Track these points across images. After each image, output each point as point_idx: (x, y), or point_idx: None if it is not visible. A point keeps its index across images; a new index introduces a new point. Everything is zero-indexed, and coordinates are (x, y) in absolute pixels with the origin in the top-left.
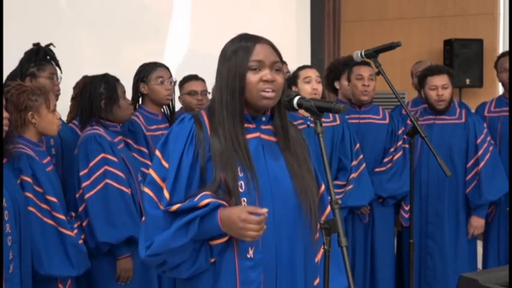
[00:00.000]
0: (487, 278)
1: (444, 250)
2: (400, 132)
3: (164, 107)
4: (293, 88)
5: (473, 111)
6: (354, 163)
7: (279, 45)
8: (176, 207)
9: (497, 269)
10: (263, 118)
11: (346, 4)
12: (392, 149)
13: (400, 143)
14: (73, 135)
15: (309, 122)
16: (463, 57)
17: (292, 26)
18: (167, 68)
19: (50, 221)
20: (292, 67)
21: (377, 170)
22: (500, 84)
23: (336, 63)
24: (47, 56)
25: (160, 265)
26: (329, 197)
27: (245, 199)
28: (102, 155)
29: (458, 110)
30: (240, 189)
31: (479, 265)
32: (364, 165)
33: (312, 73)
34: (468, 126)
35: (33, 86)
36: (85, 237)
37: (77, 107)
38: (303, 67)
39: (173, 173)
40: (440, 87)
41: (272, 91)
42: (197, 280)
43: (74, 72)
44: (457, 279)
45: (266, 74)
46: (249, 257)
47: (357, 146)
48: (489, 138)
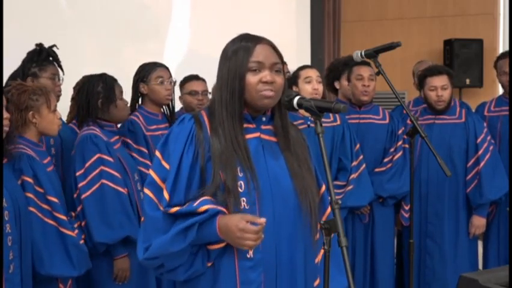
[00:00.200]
0: (487, 278)
1: (444, 250)
2: (400, 132)
3: (164, 107)
4: (294, 88)
5: (474, 111)
6: (354, 163)
7: (279, 45)
8: (175, 210)
9: (497, 269)
10: (263, 118)
11: (346, 4)
12: (392, 149)
13: (400, 143)
14: (72, 135)
15: (309, 122)
16: (463, 57)
17: (292, 26)
18: (167, 68)
19: (51, 221)
20: (292, 67)
21: (377, 170)
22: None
23: (336, 63)
24: (50, 57)
25: (158, 268)
26: (329, 197)
27: (245, 199)
28: (98, 155)
29: (458, 109)
30: (239, 189)
31: (480, 265)
32: (364, 166)
33: (312, 73)
34: (468, 125)
35: (34, 86)
36: (85, 237)
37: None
38: (304, 67)
39: (173, 174)
40: (439, 87)
41: (271, 92)
42: (197, 280)
43: (74, 72)
44: (456, 279)
45: (266, 75)
46: (248, 257)
47: (358, 146)
48: (489, 138)
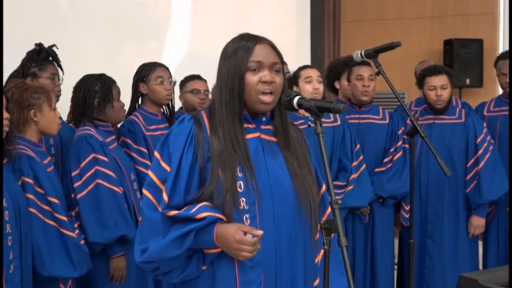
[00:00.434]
0: (487, 278)
1: (444, 250)
2: (400, 132)
3: (163, 107)
4: (294, 88)
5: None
6: (355, 164)
7: (279, 45)
8: (173, 213)
9: (497, 269)
10: (263, 118)
11: (346, 4)
12: (392, 149)
13: (400, 143)
14: (72, 135)
15: (309, 122)
16: (462, 57)
17: (292, 26)
18: (167, 68)
19: (51, 222)
20: (292, 67)
21: (377, 170)
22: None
23: (336, 63)
24: (49, 57)
25: (153, 270)
26: (329, 198)
27: (244, 199)
28: (93, 155)
29: (458, 109)
30: (239, 189)
31: (480, 265)
32: (364, 166)
33: (313, 73)
34: (468, 125)
35: (35, 84)
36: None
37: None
38: (304, 67)
39: (173, 176)
40: (439, 87)
41: (270, 92)
42: (196, 281)
43: (74, 73)
44: (456, 279)
45: (265, 75)
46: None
47: (358, 146)
48: (489, 138)
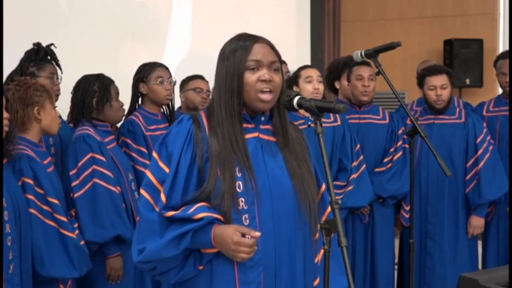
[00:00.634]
0: (487, 278)
1: (444, 250)
2: (400, 132)
3: (163, 107)
4: (294, 88)
5: None
6: (355, 164)
7: (279, 45)
8: (171, 214)
9: (497, 269)
10: (262, 118)
11: (346, 4)
12: (392, 149)
13: (400, 143)
14: (72, 135)
15: (309, 122)
16: (462, 57)
17: (292, 26)
18: (167, 68)
19: (51, 223)
20: (292, 67)
21: (377, 170)
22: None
23: (336, 63)
24: (48, 56)
25: (151, 270)
26: (329, 197)
27: (243, 199)
28: (90, 154)
29: (458, 109)
30: (238, 189)
31: (480, 265)
32: (364, 166)
33: (313, 73)
34: (468, 125)
35: (36, 83)
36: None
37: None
38: (304, 67)
39: (171, 176)
40: (438, 87)
41: (270, 91)
42: (196, 280)
43: (74, 73)
44: (456, 279)
45: (264, 73)
46: None
47: (358, 146)
48: (489, 138)
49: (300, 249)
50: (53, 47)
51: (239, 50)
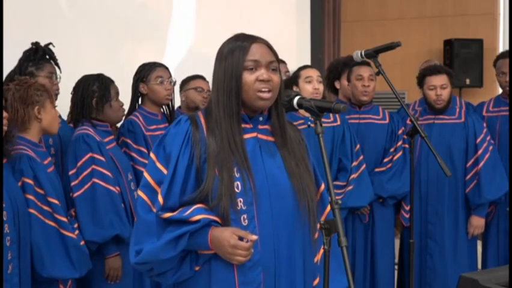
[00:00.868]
0: (487, 278)
1: (444, 250)
2: (400, 132)
3: (163, 107)
4: (294, 88)
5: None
6: (355, 164)
7: (279, 45)
8: (168, 215)
9: (497, 269)
10: (260, 118)
11: (346, 4)
12: (392, 149)
13: (400, 143)
14: (72, 135)
15: (309, 122)
16: (462, 57)
17: (292, 26)
18: (167, 68)
19: (51, 223)
20: (292, 67)
21: (377, 170)
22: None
23: (336, 63)
24: (46, 55)
25: (148, 271)
26: (329, 197)
27: (242, 199)
28: (89, 154)
29: (458, 109)
30: (236, 190)
31: (480, 265)
32: (364, 166)
33: (313, 73)
34: (468, 125)
35: (36, 82)
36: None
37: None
38: (304, 67)
39: (169, 177)
40: (438, 87)
41: (268, 91)
42: (195, 280)
43: (74, 73)
44: (457, 279)
45: (262, 73)
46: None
47: (358, 146)
48: (489, 138)
49: (300, 248)
50: (52, 47)
51: (237, 50)
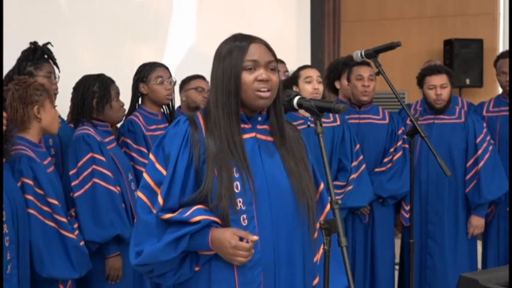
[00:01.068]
0: (487, 278)
1: (444, 250)
2: (400, 132)
3: (164, 107)
4: (294, 88)
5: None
6: (354, 164)
7: (279, 45)
8: (168, 216)
9: (497, 269)
10: (259, 118)
11: (346, 4)
12: (392, 149)
13: (400, 143)
14: (72, 135)
15: (309, 122)
16: (462, 57)
17: (292, 26)
18: (167, 68)
19: (51, 223)
20: (292, 67)
21: (377, 170)
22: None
23: (336, 63)
24: (45, 55)
25: (148, 272)
26: (328, 197)
27: (241, 200)
28: (90, 154)
29: (458, 109)
30: (235, 190)
31: (479, 265)
32: (364, 166)
33: (313, 73)
34: (467, 125)
35: (35, 82)
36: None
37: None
38: (304, 67)
39: (168, 178)
40: (438, 86)
41: (268, 90)
42: (195, 281)
43: (74, 73)
44: (457, 279)
45: (261, 73)
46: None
47: (357, 146)
48: (488, 138)
49: (299, 248)
50: (52, 47)
51: (235, 50)
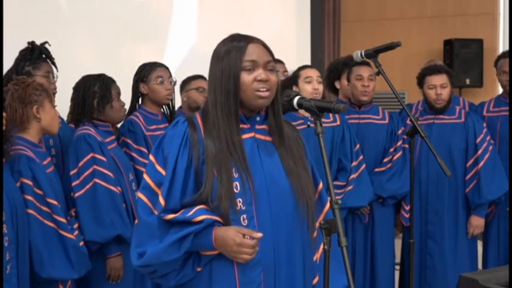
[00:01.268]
0: (487, 278)
1: (444, 250)
2: (400, 132)
3: (164, 107)
4: (294, 88)
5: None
6: (354, 164)
7: (279, 45)
8: (170, 217)
9: (497, 269)
10: (257, 118)
11: (346, 4)
12: (391, 149)
13: (400, 143)
14: (72, 136)
15: (309, 122)
16: (462, 57)
17: (292, 26)
18: (167, 68)
19: (50, 224)
20: (292, 67)
21: (376, 170)
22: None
23: (336, 63)
24: (43, 55)
25: (150, 273)
26: (328, 197)
27: (241, 200)
28: (91, 154)
29: (458, 109)
30: (235, 190)
31: (480, 265)
32: (364, 166)
33: (312, 73)
34: (467, 125)
35: (34, 82)
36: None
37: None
38: (304, 67)
39: (168, 179)
40: (438, 86)
41: (267, 90)
42: (196, 281)
43: (74, 73)
44: (457, 279)
45: (260, 73)
46: None
47: (357, 146)
48: (488, 138)
49: (299, 247)
50: (49, 46)
51: (233, 50)
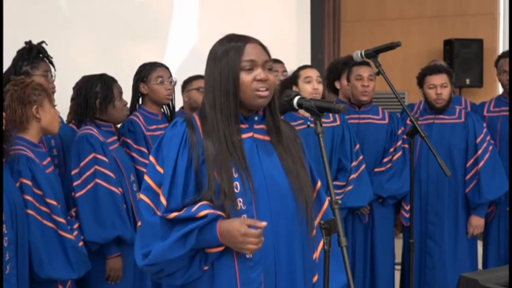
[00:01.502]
0: (487, 278)
1: (444, 250)
2: (400, 132)
3: (164, 107)
4: (294, 88)
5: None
6: (354, 164)
7: (279, 45)
8: (173, 215)
9: (497, 269)
10: (256, 118)
11: (346, 4)
12: (391, 149)
13: (400, 143)
14: (73, 136)
15: (309, 122)
16: (462, 57)
17: (292, 26)
18: (167, 68)
19: (50, 224)
20: (292, 67)
21: (376, 170)
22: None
23: (336, 63)
24: (40, 54)
25: (156, 273)
26: (328, 197)
27: (241, 199)
28: (93, 154)
29: (458, 109)
30: (235, 190)
31: (480, 265)
32: (364, 166)
33: (312, 73)
34: (467, 125)
35: (33, 81)
36: (83, 238)
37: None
38: (304, 67)
39: (169, 179)
40: (438, 86)
41: (266, 90)
42: (197, 282)
43: (74, 73)
44: (457, 279)
45: (259, 73)
46: (248, 257)
47: (357, 146)
48: (488, 138)
49: (299, 246)
50: (52, 47)
51: (231, 51)
